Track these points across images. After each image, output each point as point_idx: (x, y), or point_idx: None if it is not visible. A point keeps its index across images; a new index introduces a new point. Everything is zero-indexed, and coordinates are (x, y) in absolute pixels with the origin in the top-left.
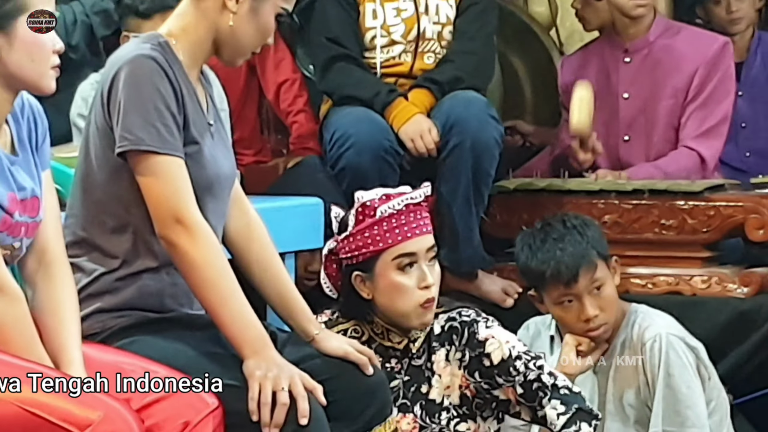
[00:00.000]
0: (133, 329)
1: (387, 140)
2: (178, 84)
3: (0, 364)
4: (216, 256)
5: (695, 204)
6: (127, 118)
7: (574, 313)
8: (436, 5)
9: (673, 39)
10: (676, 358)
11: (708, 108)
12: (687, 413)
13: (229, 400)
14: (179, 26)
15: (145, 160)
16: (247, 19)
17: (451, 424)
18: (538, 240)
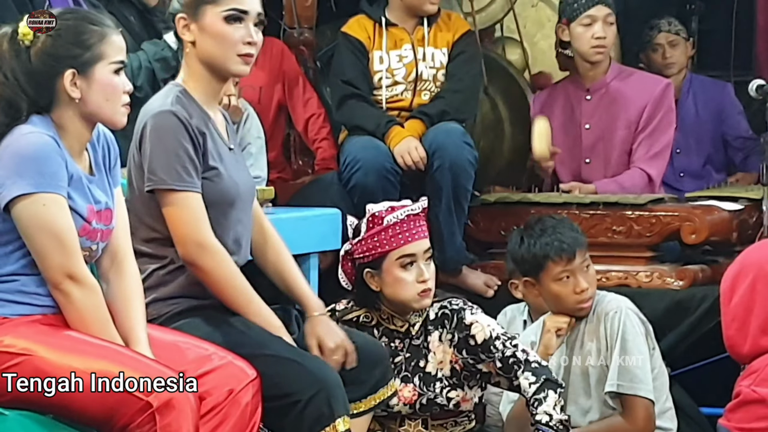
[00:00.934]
0: (183, 314)
1: (388, 162)
2: (195, 128)
3: (81, 343)
4: (232, 271)
5: (640, 214)
6: (153, 162)
7: (570, 287)
8: (432, 53)
9: (625, 81)
10: (631, 327)
11: (654, 136)
12: (636, 372)
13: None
14: (185, 72)
15: (168, 196)
16: (203, 38)
17: (443, 392)
18: (536, 230)
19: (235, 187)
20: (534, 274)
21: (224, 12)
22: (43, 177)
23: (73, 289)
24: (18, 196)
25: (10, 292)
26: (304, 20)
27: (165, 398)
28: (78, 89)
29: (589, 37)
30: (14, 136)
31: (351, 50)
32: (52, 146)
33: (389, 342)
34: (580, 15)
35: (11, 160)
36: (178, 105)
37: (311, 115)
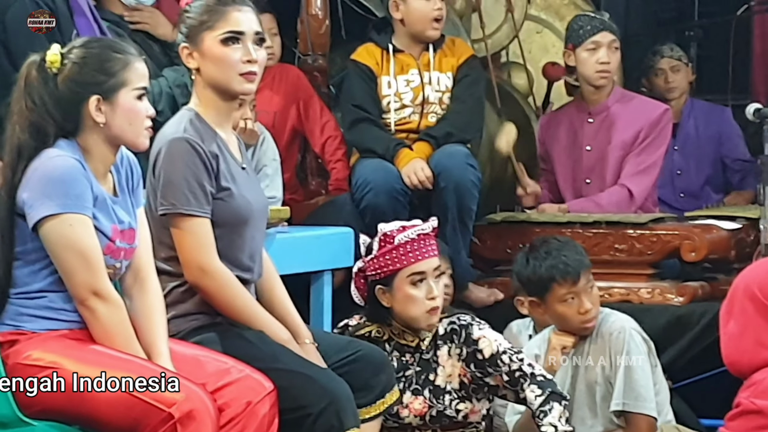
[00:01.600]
0: (201, 329)
1: (398, 184)
2: (208, 151)
3: (106, 357)
4: (234, 293)
5: (641, 232)
6: (164, 187)
7: (575, 308)
8: (437, 77)
9: (626, 104)
10: (635, 346)
11: (642, 155)
12: (640, 391)
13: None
14: (196, 97)
15: (176, 220)
16: (205, 63)
17: (452, 404)
18: (542, 252)
19: (247, 206)
20: (539, 295)
21: (220, 35)
22: (70, 198)
23: (98, 305)
24: (45, 216)
25: (39, 308)
26: (317, 47)
27: (186, 409)
28: (103, 114)
29: (594, 62)
30: (42, 160)
31: (360, 76)
32: (78, 169)
33: (400, 356)
34: (586, 40)
35: (39, 182)
36: (191, 130)
37: (328, 137)
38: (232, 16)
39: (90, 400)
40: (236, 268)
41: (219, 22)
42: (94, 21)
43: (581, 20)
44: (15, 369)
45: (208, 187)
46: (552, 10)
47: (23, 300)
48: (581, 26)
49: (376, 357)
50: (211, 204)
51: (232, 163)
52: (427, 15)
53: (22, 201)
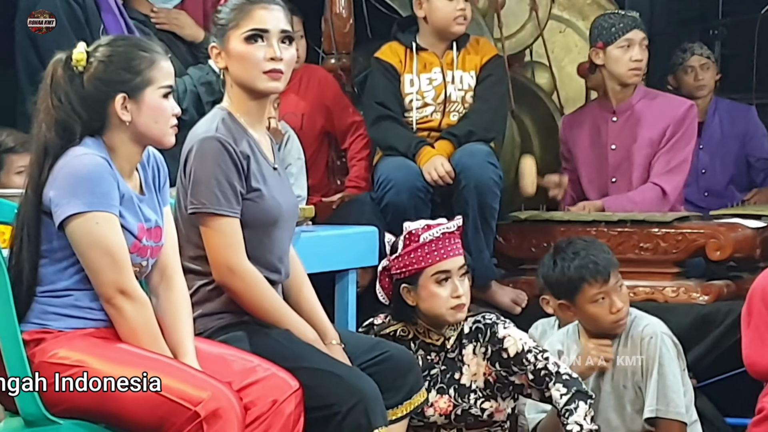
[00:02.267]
0: (228, 328)
1: (419, 182)
2: (239, 152)
3: (132, 355)
4: (262, 293)
5: (667, 231)
6: (195, 186)
7: (606, 307)
8: (460, 76)
9: (650, 102)
10: (667, 352)
11: (671, 153)
12: (672, 396)
13: (302, 379)
14: (228, 97)
15: (206, 219)
16: (231, 62)
17: (477, 403)
18: (569, 253)
19: (277, 207)
20: (569, 297)
21: (244, 33)
22: (96, 196)
23: (124, 304)
24: (72, 214)
25: (65, 306)
26: (341, 46)
27: (212, 408)
28: (128, 112)
29: (627, 59)
30: (68, 158)
31: (383, 74)
32: (104, 167)
33: (425, 355)
34: (618, 38)
35: (65, 180)
36: (223, 129)
37: (358, 136)
38: (257, 13)
39: (116, 399)
40: (264, 268)
41: (244, 20)
42: (121, 17)
43: (612, 18)
44: (41, 367)
45: (238, 187)
46: (575, 10)
47: (49, 298)
48: (613, 24)
49: (403, 358)
50: (241, 204)
51: (263, 164)
52: (450, 14)
53: (49, 199)
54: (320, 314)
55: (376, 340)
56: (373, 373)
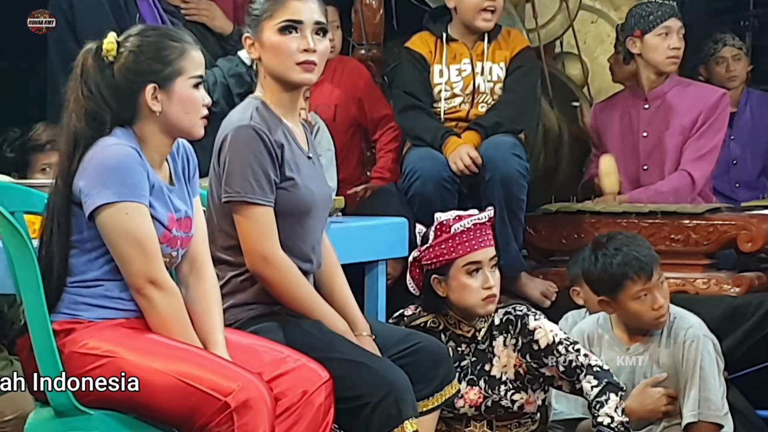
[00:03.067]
0: (259, 319)
1: (445, 172)
2: (273, 140)
3: (163, 346)
4: (295, 283)
5: (698, 222)
6: (229, 175)
7: (648, 304)
8: (489, 67)
9: (683, 90)
10: (708, 355)
11: (702, 140)
12: (712, 399)
13: (332, 369)
14: (261, 86)
15: (240, 208)
16: (264, 53)
17: (508, 395)
18: (611, 249)
19: (311, 197)
20: (611, 293)
21: (278, 24)
22: (126, 187)
23: (154, 294)
24: (102, 204)
25: (95, 296)
26: (371, 37)
27: (242, 398)
28: (159, 103)
29: (666, 47)
30: (98, 148)
31: (413, 63)
32: (134, 157)
33: (456, 346)
34: (657, 26)
35: (95, 170)
36: (257, 117)
37: (388, 128)
38: (292, 4)
39: (146, 389)
40: (297, 258)
41: (278, 11)
42: (154, 6)
43: (649, 6)
44: (71, 358)
45: (272, 175)
46: (607, 0)
47: (80, 288)
48: (650, 12)
49: (435, 349)
50: (275, 193)
51: (297, 153)
52: (478, 5)
53: (79, 189)
54: (352, 305)
55: (407, 332)
56: (404, 365)
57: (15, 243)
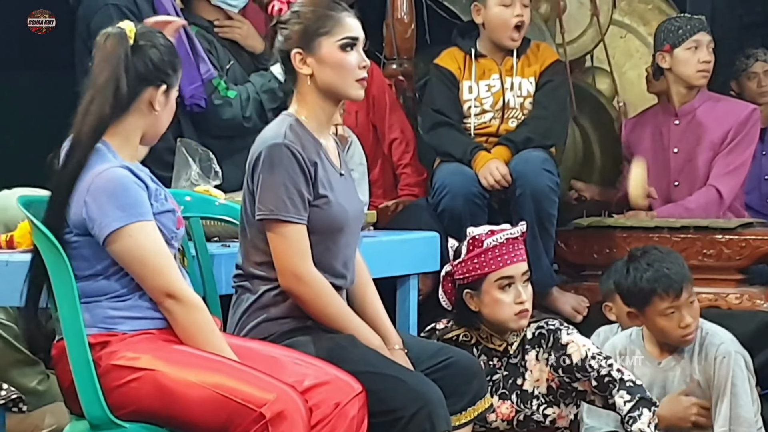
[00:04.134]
0: (292, 333)
1: (475, 187)
2: (307, 158)
3: (197, 358)
4: (328, 300)
5: (730, 237)
6: (262, 193)
7: (675, 322)
8: (519, 83)
9: (713, 106)
10: (740, 371)
11: (731, 155)
12: (744, 415)
13: (366, 383)
14: (298, 103)
15: (273, 225)
16: (322, 68)
17: (540, 409)
18: (643, 263)
19: (344, 214)
20: (639, 307)
21: (340, 41)
22: (125, 209)
23: (174, 307)
24: (109, 234)
25: (127, 308)
26: (403, 51)
27: (277, 409)
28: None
29: (696, 61)
30: (90, 177)
31: (442, 80)
32: (128, 177)
33: (488, 360)
34: (687, 40)
35: (95, 201)
36: (291, 135)
37: (393, 139)
38: (348, 21)
39: (181, 402)
40: (330, 274)
41: (336, 27)
42: None
43: (678, 21)
44: (109, 370)
45: (305, 193)
46: (636, 15)
47: (112, 302)
48: (680, 26)
49: (468, 364)
50: (308, 211)
51: (330, 170)
52: (507, 22)
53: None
54: (384, 319)
55: (440, 345)
56: (437, 379)
57: (51, 256)
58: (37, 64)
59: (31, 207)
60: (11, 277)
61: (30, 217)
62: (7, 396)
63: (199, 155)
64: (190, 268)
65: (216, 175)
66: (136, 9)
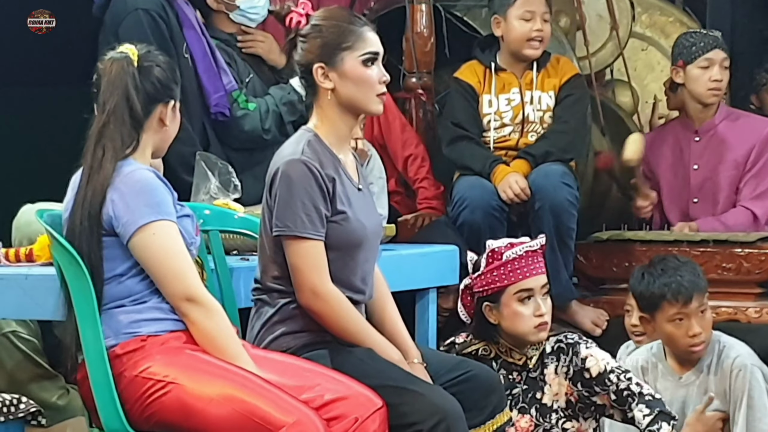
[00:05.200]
0: (311, 346)
1: (494, 200)
2: (325, 175)
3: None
4: (346, 315)
5: (749, 251)
6: (280, 209)
7: (684, 330)
8: (539, 96)
9: (734, 122)
10: (756, 384)
11: (760, 176)
12: (761, 427)
13: (384, 396)
14: (318, 118)
15: (291, 242)
16: (344, 83)
17: (559, 423)
18: (658, 269)
19: (362, 229)
20: (649, 311)
21: (362, 56)
22: (152, 207)
23: (193, 311)
24: (135, 230)
25: (150, 310)
26: (422, 65)
27: (296, 430)
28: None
29: (706, 79)
30: (119, 177)
31: (462, 94)
32: (155, 178)
33: (507, 374)
34: (699, 58)
35: (122, 200)
36: (309, 152)
37: (408, 156)
38: (369, 36)
39: (201, 417)
40: (348, 290)
41: (358, 42)
42: (202, 35)
43: (693, 37)
44: (133, 382)
45: (323, 210)
46: (657, 28)
47: (135, 306)
48: (693, 43)
49: (487, 377)
50: (326, 227)
51: (348, 186)
52: (525, 35)
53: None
54: (403, 333)
55: (459, 359)
56: (456, 392)
57: (71, 269)
58: (39, 68)
59: (50, 220)
60: (31, 290)
61: (50, 230)
62: (26, 409)
63: (219, 168)
64: (210, 281)
65: (235, 189)
66: (166, 15)
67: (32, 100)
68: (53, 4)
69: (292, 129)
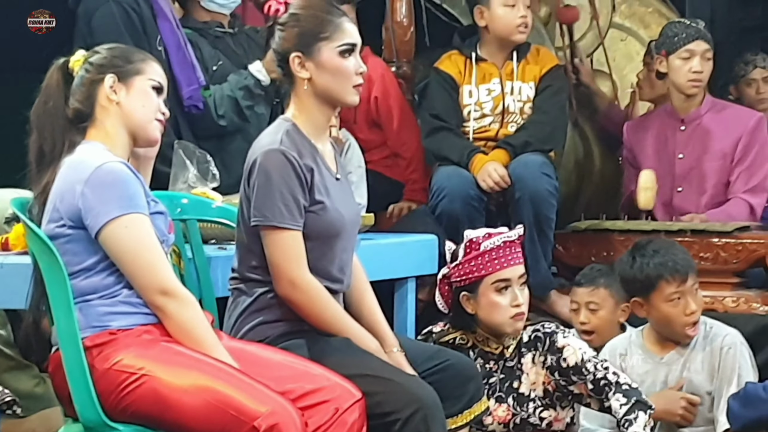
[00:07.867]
0: (288, 335)
1: (472, 190)
2: (303, 164)
3: (194, 362)
4: (323, 306)
5: (727, 241)
6: (258, 199)
7: (681, 308)
8: (519, 87)
9: (719, 113)
10: (745, 362)
11: (752, 170)
12: None
13: (363, 385)
14: (296, 107)
15: (269, 232)
16: (320, 73)
17: (536, 412)
18: (649, 251)
19: (340, 219)
20: (644, 294)
21: (339, 47)
22: (123, 200)
23: (168, 304)
24: (105, 223)
25: (121, 304)
26: (402, 54)
27: (271, 423)
28: (117, 94)
29: (687, 70)
30: (89, 169)
31: (442, 85)
32: (126, 171)
33: (484, 363)
34: (680, 48)
35: (92, 192)
36: (287, 141)
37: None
38: (347, 27)
39: (176, 408)
40: (326, 279)
41: (336, 33)
42: (176, 27)
43: (676, 27)
44: (105, 374)
45: (301, 200)
46: (636, 18)
47: (104, 300)
48: (676, 33)
49: (464, 366)
50: (304, 217)
51: (326, 175)
52: (512, 22)
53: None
54: (381, 322)
55: (436, 348)
56: (433, 381)
57: (46, 259)
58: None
59: (25, 209)
60: (6, 279)
61: (24, 219)
62: (0, 399)
63: (197, 157)
64: (187, 270)
65: (213, 178)
66: (138, 7)
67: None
68: (53, 4)
69: (255, 115)
